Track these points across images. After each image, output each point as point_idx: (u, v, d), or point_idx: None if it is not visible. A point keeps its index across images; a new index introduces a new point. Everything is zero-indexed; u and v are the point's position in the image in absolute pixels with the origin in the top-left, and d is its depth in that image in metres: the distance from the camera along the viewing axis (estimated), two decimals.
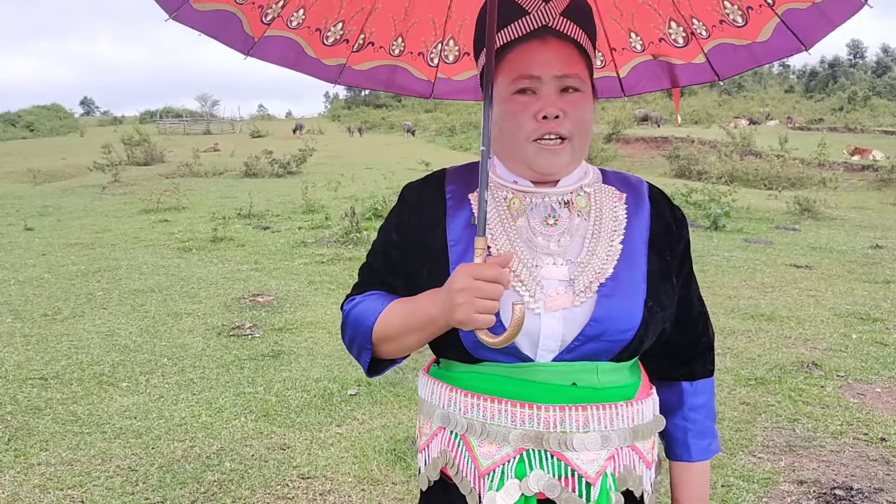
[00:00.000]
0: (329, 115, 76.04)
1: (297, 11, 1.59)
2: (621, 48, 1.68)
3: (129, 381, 5.03)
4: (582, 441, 1.27)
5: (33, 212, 13.85)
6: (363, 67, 1.72)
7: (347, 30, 1.66)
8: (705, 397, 1.48)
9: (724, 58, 1.59)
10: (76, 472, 3.72)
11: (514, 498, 1.27)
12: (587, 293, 1.29)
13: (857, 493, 3.52)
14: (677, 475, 1.48)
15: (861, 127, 40.14)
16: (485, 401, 1.30)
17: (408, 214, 1.44)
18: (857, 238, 11.58)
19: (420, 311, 1.30)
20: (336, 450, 4.00)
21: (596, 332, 1.27)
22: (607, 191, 1.42)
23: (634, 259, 1.34)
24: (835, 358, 5.56)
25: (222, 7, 1.51)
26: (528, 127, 1.31)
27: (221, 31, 1.55)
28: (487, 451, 1.30)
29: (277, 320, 6.47)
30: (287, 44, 1.62)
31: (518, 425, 1.27)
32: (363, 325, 1.37)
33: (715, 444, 1.49)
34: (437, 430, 1.37)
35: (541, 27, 1.31)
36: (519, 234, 1.34)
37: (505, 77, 1.33)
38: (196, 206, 14.34)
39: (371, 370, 1.43)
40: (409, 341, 1.34)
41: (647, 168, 28.17)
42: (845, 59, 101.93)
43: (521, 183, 1.38)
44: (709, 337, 1.49)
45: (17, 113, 70.67)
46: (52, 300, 7.16)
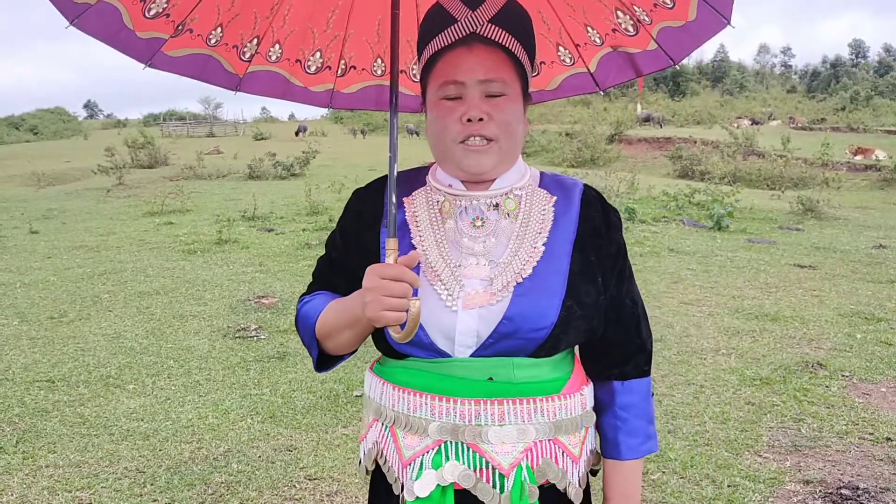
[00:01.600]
0: (331, 118, 76.06)
1: (273, 46, 1.69)
2: (584, 43, 1.73)
3: (135, 383, 5.05)
4: (497, 434, 1.32)
5: (38, 215, 13.89)
6: (352, 90, 1.82)
7: (326, 57, 1.76)
8: (637, 397, 1.49)
9: (672, 41, 1.64)
10: (84, 474, 3.74)
11: (431, 487, 1.32)
12: (504, 292, 1.34)
13: (863, 492, 3.52)
14: (608, 473, 1.51)
15: (863, 127, 40.07)
16: (408, 394, 1.37)
17: (349, 218, 1.53)
18: (860, 238, 11.57)
19: (348, 310, 1.38)
20: (343, 451, 4.02)
21: (509, 329, 1.33)
22: (539, 193, 1.47)
23: (555, 259, 1.39)
24: (839, 358, 5.57)
25: (195, 51, 1.59)
26: (454, 130, 1.37)
27: (202, 73, 1.63)
28: (410, 443, 1.37)
29: (282, 322, 6.49)
30: (271, 77, 1.72)
31: (437, 418, 1.34)
32: (308, 324, 1.46)
33: (648, 445, 1.49)
34: (372, 421, 1.46)
35: (469, 34, 1.36)
36: (447, 235, 1.41)
37: (433, 84, 1.40)
38: (200, 209, 14.37)
39: (320, 365, 1.50)
40: (343, 338, 1.41)
41: (650, 169, 28.15)
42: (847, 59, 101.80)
43: (455, 187, 1.45)
44: (641, 339, 1.49)
45: (21, 116, 70.77)
46: (57, 303, 7.19)
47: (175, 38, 1.56)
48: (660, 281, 8.10)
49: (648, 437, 1.49)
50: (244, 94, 1.70)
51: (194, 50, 1.59)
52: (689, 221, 12.63)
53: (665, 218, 12.95)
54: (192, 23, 1.58)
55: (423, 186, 1.50)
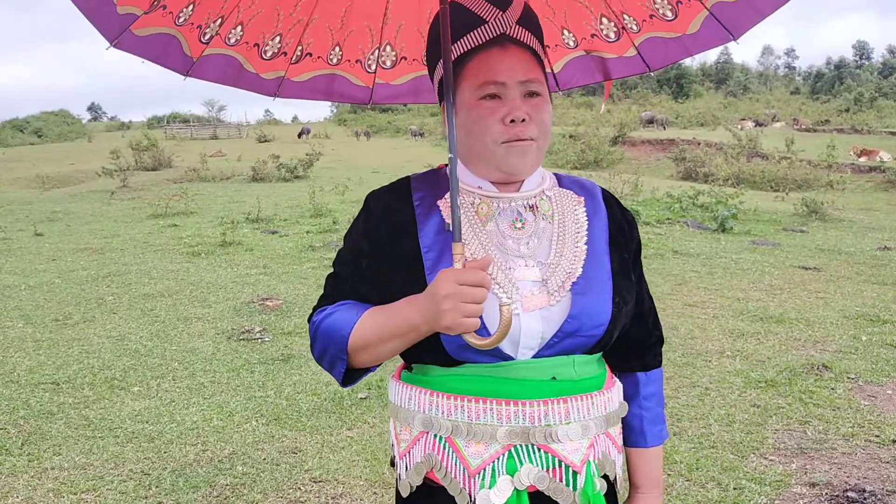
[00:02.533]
0: (335, 120, 76.11)
1: (235, 28, 1.62)
2: (554, 45, 1.73)
3: (140, 385, 5.05)
4: (566, 432, 1.32)
5: (42, 217, 13.92)
6: (302, 78, 1.75)
7: (285, 42, 1.69)
8: (656, 386, 1.56)
9: (655, 50, 1.64)
10: (89, 477, 3.74)
11: (507, 493, 1.30)
12: (561, 292, 1.35)
13: (869, 495, 3.51)
14: (635, 461, 1.54)
15: (868, 128, 39.97)
16: (468, 401, 1.32)
17: (375, 222, 1.44)
18: (865, 240, 11.55)
19: (400, 319, 1.31)
20: (347, 453, 4.01)
21: (573, 328, 1.33)
22: (566, 194, 1.48)
23: (598, 258, 1.41)
24: (845, 360, 5.55)
25: (161, 30, 1.54)
26: (496, 130, 1.35)
27: (161, 55, 1.58)
28: (475, 451, 1.32)
29: (287, 324, 6.49)
30: (226, 61, 1.65)
31: (504, 422, 1.31)
32: (337, 336, 1.37)
33: (665, 430, 1.56)
34: (419, 434, 1.38)
35: (499, 35, 1.37)
36: (490, 238, 1.39)
37: (469, 84, 1.38)
38: (204, 211, 14.39)
39: (345, 380, 1.44)
40: (387, 348, 1.35)
41: (654, 170, 28.14)
42: (851, 61, 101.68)
43: (485, 188, 1.43)
44: (659, 330, 1.57)
45: (25, 119, 70.97)
46: (62, 305, 7.20)
47: (148, 14, 1.50)
48: (664, 283, 8.09)
49: (664, 422, 1.57)
50: (195, 79, 1.64)
51: (161, 29, 1.54)
52: (693, 223, 12.61)
53: (669, 220, 12.94)
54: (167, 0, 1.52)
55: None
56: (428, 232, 1.39)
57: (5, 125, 66.81)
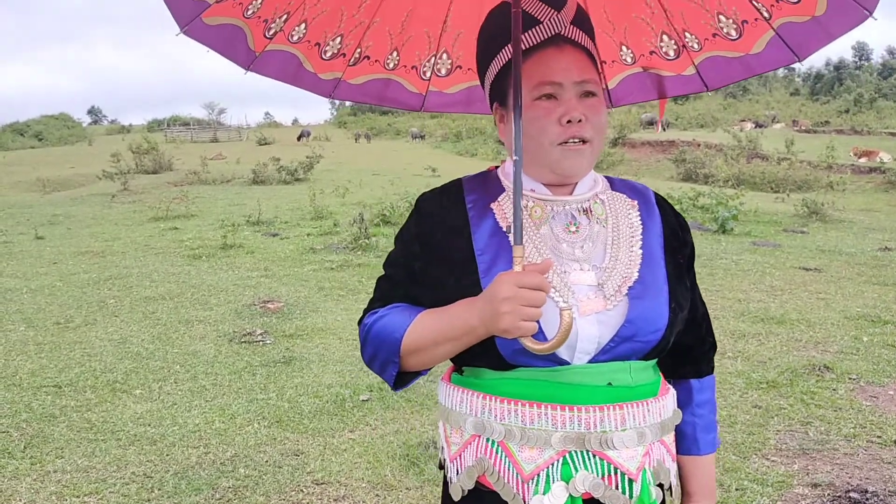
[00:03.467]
0: (335, 122, 76.15)
1: (299, 26, 1.61)
2: (611, 61, 1.71)
3: (142, 388, 5.06)
4: (621, 439, 1.30)
5: (43, 220, 13.92)
6: (358, 81, 1.74)
7: (345, 44, 1.68)
8: (709, 394, 1.54)
9: (715, 69, 1.61)
10: (92, 480, 3.74)
11: (562, 500, 1.28)
12: (618, 296, 1.33)
13: (872, 496, 3.51)
14: (688, 469, 1.52)
15: (867, 129, 39.96)
16: (522, 406, 1.30)
17: (429, 225, 1.43)
18: (865, 240, 11.55)
19: (456, 321, 1.30)
20: (349, 455, 4.02)
21: (630, 332, 1.31)
22: (619, 198, 1.46)
23: (654, 263, 1.39)
24: (846, 361, 5.55)
25: (230, 21, 1.53)
26: (552, 131, 1.34)
27: (227, 47, 1.57)
28: (529, 456, 1.30)
29: (288, 327, 6.50)
30: (286, 58, 1.64)
31: (559, 428, 1.29)
32: (390, 338, 1.36)
33: (717, 438, 1.56)
34: (471, 438, 1.36)
35: (554, 35, 1.35)
36: (544, 241, 1.37)
37: (525, 84, 1.35)
38: (205, 214, 14.39)
39: (396, 384, 1.42)
40: (441, 351, 1.34)
41: (654, 172, 28.15)
42: (851, 62, 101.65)
43: (538, 191, 1.41)
44: (713, 336, 1.56)
45: (26, 122, 70.94)
46: (64, 308, 7.20)
47: (220, 2, 1.50)
48: None
49: (717, 430, 1.56)
50: (255, 74, 1.64)
51: (230, 20, 1.53)
52: (694, 224, 12.61)
53: None
54: None
55: (504, 192, 1.44)
56: (482, 234, 1.38)
57: (6, 129, 66.85)
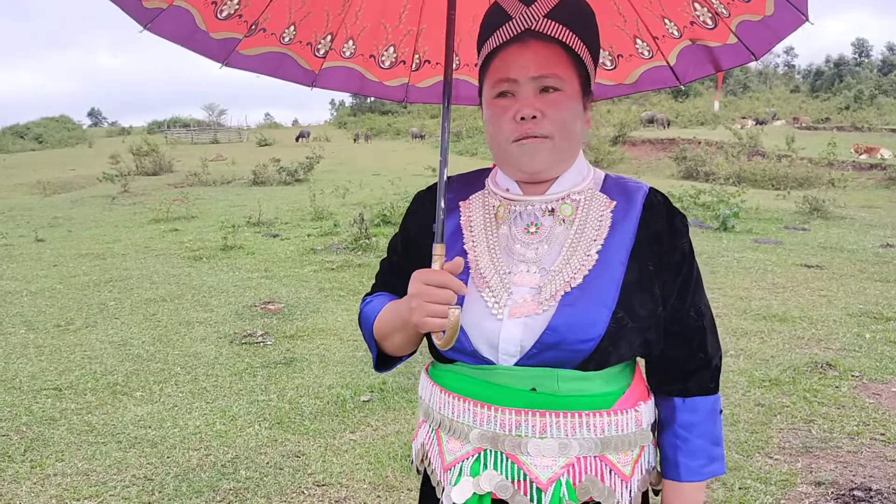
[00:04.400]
0: (335, 123, 76.16)
1: (347, 42, 1.75)
2: (662, 36, 1.69)
3: (142, 390, 5.04)
4: (537, 446, 1.28)
5: (44, 223, 13.92)
6: (426, 84, 1.83)
7: (400, 52, 1.79)
8: (700, 416, 1.41)
9: (752, 35, 1.59)
10: (92, 483, 3.73)
11: (467, 494, 1.31)
12: (551, 301, 1.30)
13: (876, 493, 3.49)
14: (666, 494, 1.43)
15: (868, 125, 39.94)
16: (454, 398, 1.36)
17: (409, 220, 1.53)
18: (867, 237, 11.53)
19: (399, 314, 1.37)
20: (350, 456, 4.00)
21: (553, 340, 1.27)
22: (598, 198, 1.41)
23: (608, 268, 1.32)
24: (849, 358, 5.53)
25: (270, 49, 1.64)
26: (507, 129, 1.34)
27: (278, 70, 1.68)
28: (452, 447, 1.36)
29: (289, 328, 6.48)
30: (346, 72, 1.77)
31: (478, 425, 1.32)
32: (367, 324, 1.48)
33: (713, 467, 1.41)
34: (421, 423, 1.46)
35: (524, 31, 1.33)
36: (499, 241, 1.39)
37: (488, 83, 1.38)
38: (205, 215, 14.39)
39: (379, 365, 1.52)
40: (397, 340, 1.42)
41: (654, 170, 28.13)
42: (851, 58, 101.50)
43: (512, 191, 1.42)
44: (707, 353, 1.41)
45: (26, 125, 70.90)
46: (64, 311, 7.19)
47: (249, 37, 1.58)
48: None
49: (712, 459, 1.41)
50: (322, 89, 1.73)
51: (269, 48, 1.62)
52: (695, 222, 12.58)
53: None
54: (265, 22, 1.60)
55: (481, 190, 1.47)
56: (446, 231, 1.41)
57: (6, 131, 66.84)
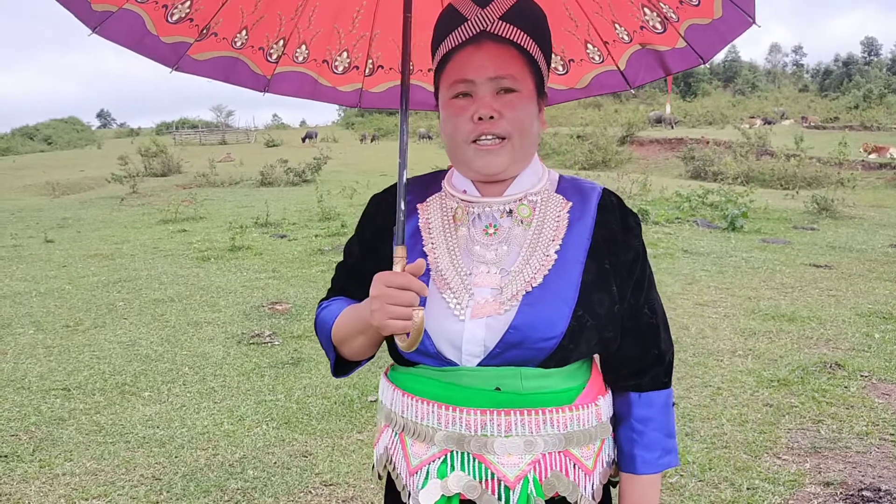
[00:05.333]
0: (343, 123, 76.26)
1: (300, 47, 1.73)
2: (612, 40, 1.71)
3: (151, 390, 5.06)
4: (503, 445, 1.29)
5: (53, 224, 13.98)
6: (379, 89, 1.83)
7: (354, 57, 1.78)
8: (654, 410, 1.43)
9: (700, 39, 1.61)
10: (101, 482, 3.74)
11: (436, 497, 1.31)
12: (512, 301, 1.31)
13: (885, 494, 3.47)
14: (623, 487, 1.45)
15: (877, 125, 39.76)
16: (417, 401, 1.36)
17: (366, 224, 1.52)
18: (876, 237, 11.47)
19: (359, 317, 1.36)
20: (358, 456, 4.00)
21: (516, 339, 1.29)
22: (554, 199, 1.43)
23: (567, 267, 1.35)
24: (858, 358, 5.51)
25: (221, 54, 1.62)
26: (464, 129, 1.35)
27: (230, 75, 1.66)
28: (417, 451, 1.35)
29: (296, 328, 6.49)
30: (300, 77, 1.75)
31: (443, 427, 1.32)
32: (325, 329, 1.46)
33: (667, 459, 1.43)
34: (384, 427, 1.45)
35: (479, 32, 1.34)
36: (458, 243, 1.39)
37: (444, 83, 1.39)
38: (213, 216, 14.43)
39: (337, 370, 1.50)
40: (357, 344, 1.40)
41: (662, 170, 28.05)
42: (860, 57, 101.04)
43: (469, 192, 1.42)
44: (660, 349, 1.44)
45: (35, 126, 71.38)
46: (73, 311, 7.22)
47: (200, 41, 1.57)
48: (674, 282, 8.05)
49: (667, 451, 1.44)
50: (273, 94, 1.71)
51: (220, 53, 1.61)
52: (703, 222, 12.55)
53: (678, 219, 12.89)
54: (217, 26, 1.58)
55: (438, 192, 1.48)
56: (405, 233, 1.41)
57: (15, 133, 67.25)
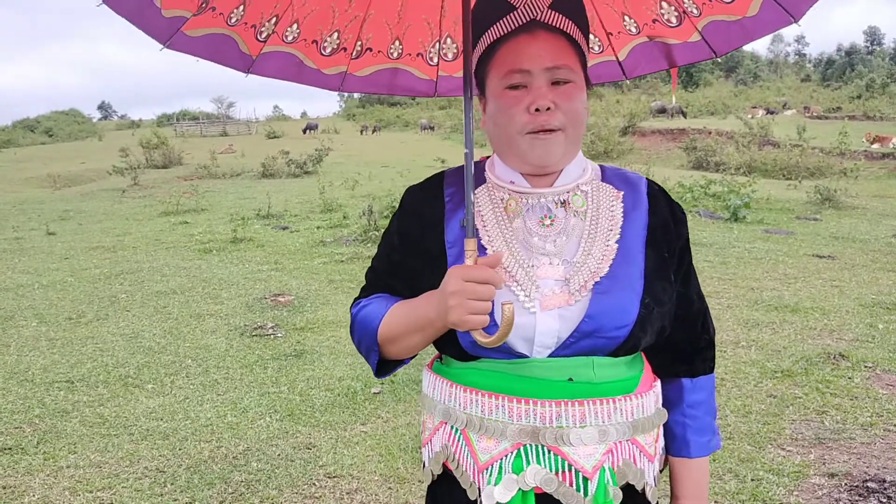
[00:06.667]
0: (344, 115, 76.16)
1: (291, 26, 1.64)
2: (617, 32, 1.69)
3: (154, 382, 5.06)
4: (579, 436, 1.28)
5: (54, 216, 13.99)
6: (364, 73, 1.76)
7: (343, 38, 1.70)
8: (705, 394, 1.48)
9: (719, 34, 1.59)
10: (105, 475, 3.75)
11: (512, 492, 1.28)
12: (582, 292, 1.30)
13: (890, 485, 3.47)
14: (677, 471, 1.48)
15: (880, 114, 39.64)
16: (483, 396, 1.32)
17: (408, 218, 1.47)
18: (879, 227, 11.44)
19: (419, 313, 1.33)
20: (361, 448, 4.01)
21: (591, 328, 1.28)
22: (605, 189, 1.42)
23: (630, 257, 1.35)
24: (861, 349, 5.50)
25: (214, 31, 1.56)
26: (520, 120, 1.32)
27: (218, 54, 1.60)
28: (486, 446, 1.32)
29: (299, 320, 6.49)
30: (285, 58, 1.67)
31: (515, 420, 1.29)
32: (369, 328, 1.41)
33: (715, 441, 1.49)
34: (439, 424, 1.40)
35: (529, 21, 1.32)
36: (515, 235, 1.37)
37: (496, 73, 1.35)
38: (215, 208, 14.42)
39: (379, 371, 1.46)
40: (411, 342, 1.37)
41: (664, 160, 27.98)
42: (862, 47, 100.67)
43: (518, 183, 1.40)
44: (709, 334, 1.49)
45: (36, 119, 71.34)
46: (75, 304, 7.22)
47: (197, 15, 1.53)
48: None
49: (714, 433, 1.49)
50: (256, 76, 1.66)
51: (213, 30, 1.57)
52: (706, 213, 12.53)
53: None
54: (216, 0, 1.55)
55: (483, 183, 1.45)
56: (453, 227, 1.39)
57: (16, 125, 67.24)
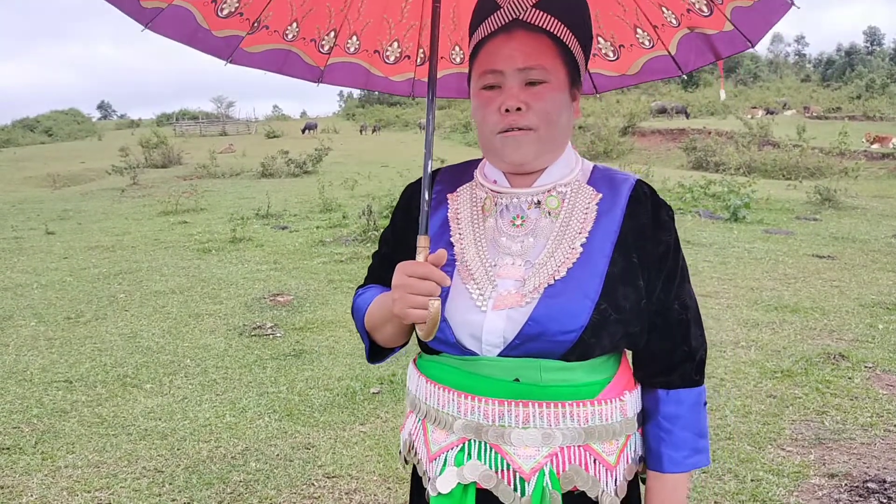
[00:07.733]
0: (343, 114, 76.17)
1: (351, 38, 1.75)
2: (661, 24, 1.67)
3: (152, 382, 5.05)
4: (520, 436, 1.29)
5: (54, 216, 13.97)
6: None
7: (405, 46, 1.79)
8: (684, 408, 1.39)
9: (745, 21, 1.58)
10: (103, 474, 3.73)
11: (452, 484, 1.31)
12: (534, 294, 1.31)
13: (890, 485, 3.46)
14: (649, 485, 1.42)
15: (880, 115, 39.63)
16: (439, 389, 1.37)
17: (399, 212, 1.54)
18: (879, 227, 11.43)
19: (384, 305, 1.39)
20: (360, 448, 4.00)
21: (535, 331, 1.29)
22: (584, 190, 1.41)
23: (593, 260, 1.33)
24: (861, 349, 5.49)
25: (273, 46, 1.65)
26: (492, 120, 1.34)
27: (283, 67, 1.69)
28: (437, 437, 1.37)
29: (298, 319, 6.48)
30: (351, 68, 1.76)
31: (462, 415, 1.33)
32: (359, 316, 1.50)
33: (695, 459, 1.39)
34: (409, 413, 1.48)
35: (511, 21, 1.33)
36: (486, 234, 1.40)
37: (475, 73, 1.38)
38: (214, 208, 14.41)
39: (372, 357, 1.53)
40: (387, 332, 1.42)
41: (664, 161, 27.98)
42: (862, 47, 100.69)
43: (500, 182, 1.42)
44: (691, 346, 1.40)
45: (36, 118, 71.25)
46: (74, 303, 7.21)
47: (252, 34, 1.60)
48: None
49: (696, 450, 1.40)
50: (328, 85, 1.75)
51: (273, 45, 1.64)
52: (706, 213, 12.52)
53: (681, 210, 12.85)
54: (267, 20, 1.61)
55: (469, 182, 1.48)
56: (434, 223, 1.44)
57: (16, 124, 67.18)
